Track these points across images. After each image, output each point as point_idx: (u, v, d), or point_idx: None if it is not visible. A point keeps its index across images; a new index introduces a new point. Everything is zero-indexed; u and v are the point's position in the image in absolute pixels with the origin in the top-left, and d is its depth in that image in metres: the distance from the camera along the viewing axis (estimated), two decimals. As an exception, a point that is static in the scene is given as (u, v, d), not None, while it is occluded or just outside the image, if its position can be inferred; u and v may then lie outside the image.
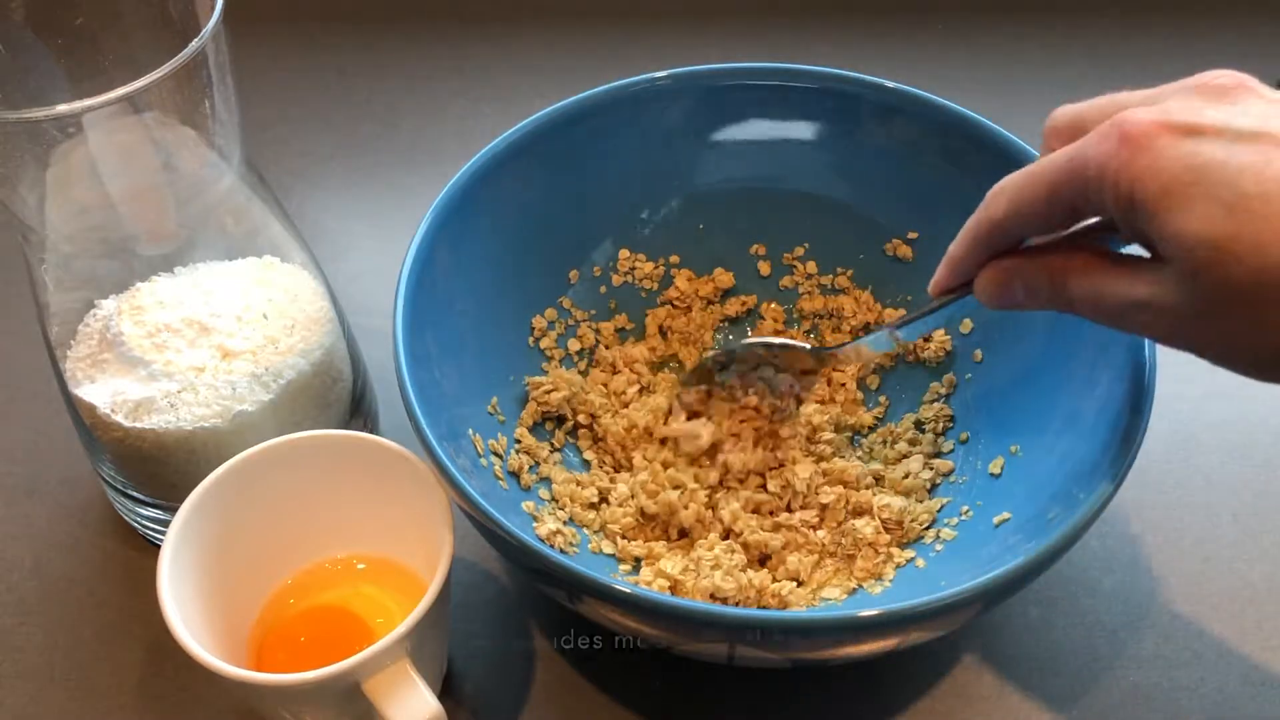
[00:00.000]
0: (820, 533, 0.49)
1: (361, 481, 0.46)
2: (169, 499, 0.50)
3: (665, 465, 0.51)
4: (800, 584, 0.48)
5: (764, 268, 0.59)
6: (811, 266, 0.59)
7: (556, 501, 0.50)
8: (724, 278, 0.59)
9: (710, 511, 0.50)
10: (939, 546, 0.47)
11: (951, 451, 0.52)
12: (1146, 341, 0.44)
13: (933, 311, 0.43)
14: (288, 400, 0.49)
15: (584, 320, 0.57)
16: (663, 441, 0.53)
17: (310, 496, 0.46)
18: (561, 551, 0.47)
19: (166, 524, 0.45)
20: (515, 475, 0.50)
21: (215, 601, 0.43)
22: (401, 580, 0.47)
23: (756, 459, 0.51)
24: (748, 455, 0.51)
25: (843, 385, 0.56)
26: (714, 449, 0.52)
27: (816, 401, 0.55)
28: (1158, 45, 0.81)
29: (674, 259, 0.59)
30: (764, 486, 0.51)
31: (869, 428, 0.55)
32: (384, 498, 0.46)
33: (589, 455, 0.54)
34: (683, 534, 0.50)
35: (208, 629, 0.42)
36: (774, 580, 0.47)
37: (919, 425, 0.54)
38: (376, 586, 0.47)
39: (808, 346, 0.50)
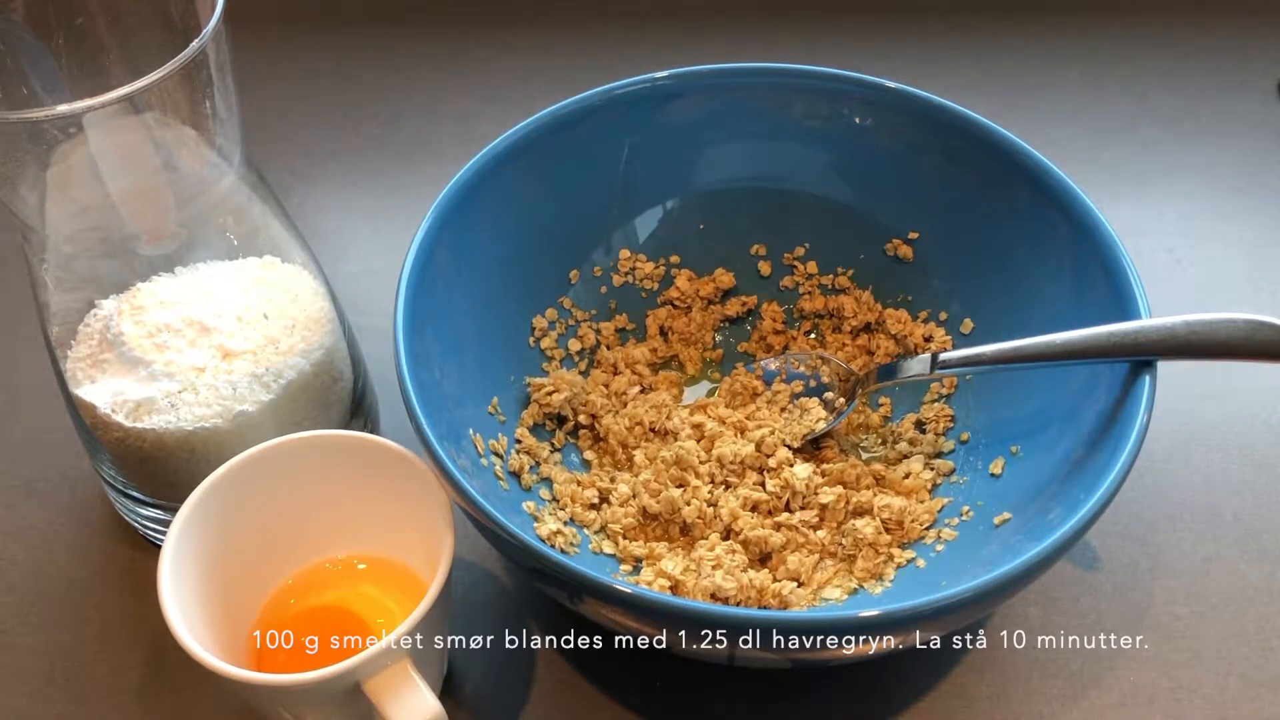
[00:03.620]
0: (820, 533, 0.49)
1: (362, 481, 0.46)
2: (169, 499, 0.50)
3: (666, 464, 0.51)
4: (801, 584, 0.48)
5: (764, 268, 0.59)
6: (812, 266, 0.59)
7: (557, 501, 0.50)
8: (724, 278, 0.59)
9: (712, 509, 0.50)
10: (940, 547, 0.47)
11: (952, 451, 0.52)
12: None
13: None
14: (288, 400, 0.49)
15: (584, 320, 0.57)
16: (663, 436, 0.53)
17: (310, 496, 0.46)
18: (562, 552, 0.47)
19: (167, 524, 0.45)
20: (516, 475, 0.50)
21: (215, 601, 0.43)
22: (401, 580, 0.47)
23: (748, 449, 0.51)
24: (738, 446, 0.51)
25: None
26: (709, 443, 0.52)
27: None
28: (1157, 45, 0.81)
29: (674, 259, 0.59)
30: (762, 484, 0.51)
31: (870, 428, 0.55)
32: (384, 498, 0.46)
33: (589, 455, 0.54)
34: (684, 532, 0.50)
35: (208, 629, 0.42)
36: (774, 580, 0.47)
37: (920, 425, 0.54)
38: (376, 586, 0.47)
39: (858, 374, 0.53)
